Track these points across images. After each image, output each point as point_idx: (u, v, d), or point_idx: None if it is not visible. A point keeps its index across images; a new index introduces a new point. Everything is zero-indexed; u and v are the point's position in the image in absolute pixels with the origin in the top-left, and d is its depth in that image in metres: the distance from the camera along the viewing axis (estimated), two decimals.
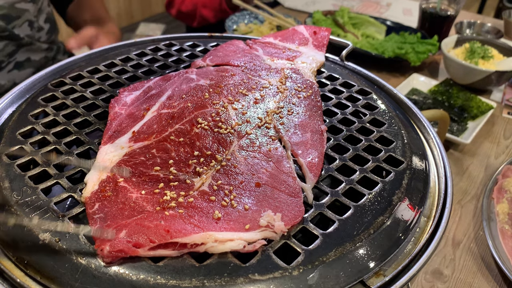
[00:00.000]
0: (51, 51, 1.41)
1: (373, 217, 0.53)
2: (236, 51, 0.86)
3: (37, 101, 0.70)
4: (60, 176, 0.56)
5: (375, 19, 1.81)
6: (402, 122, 0.72)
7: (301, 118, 0.67)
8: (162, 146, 0.60)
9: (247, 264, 0.46)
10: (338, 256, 0.48)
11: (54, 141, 0.62)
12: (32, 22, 1.31)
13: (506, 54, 1.51)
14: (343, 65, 0.88)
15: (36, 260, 0.46)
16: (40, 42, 1.35)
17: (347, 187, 0.57)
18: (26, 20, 1.28)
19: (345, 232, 0.51)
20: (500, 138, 1.30)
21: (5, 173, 0.56)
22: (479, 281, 0.88)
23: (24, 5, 1.26)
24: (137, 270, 0.45)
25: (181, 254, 0.47)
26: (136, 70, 0.81)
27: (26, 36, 1.29)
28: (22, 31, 1.28)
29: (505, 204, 0.99)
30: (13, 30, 1.25)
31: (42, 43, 1.36)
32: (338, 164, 0.61)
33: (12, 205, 0.51)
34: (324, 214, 0.53)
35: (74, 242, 0.47)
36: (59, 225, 0.49)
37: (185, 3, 1.98)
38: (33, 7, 1.29)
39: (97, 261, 0.46)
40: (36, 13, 1.32)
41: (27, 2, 1.27)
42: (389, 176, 0.59)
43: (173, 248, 0.46)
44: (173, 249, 0.46)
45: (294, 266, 0.47)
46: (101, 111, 0.69)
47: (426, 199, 0.60)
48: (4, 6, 1.21)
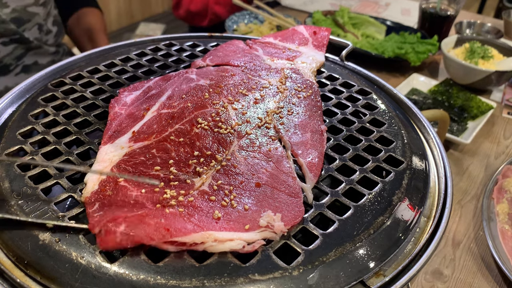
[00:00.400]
0: (57, 55, 1.43)
1: (373, 217, 0.53)
2: (236, 51, 0.86)
3: (37, 101, 0.70)
4: (60, 176, 0.56)
5: (375, 19, 1.81)
6: (402, 122, 0.72)
7: (301, 118, 0.67)
8: (162, 146, 0.60)
9: (247, 264, 0.46)
10: (338, 256, 0.48)
11: (54, 141, 0.62)
12: (42, 25, 1.32)
13: (506, 54, 1.51)
14: (343, 65, 0.88)
15: (36, 260, 0.46)
16: (48, 46, 1.37)
17: (347, 187, 0.57)
18: (36, 23, 1.30)
19: (345, 232, 0.51)
20: (500, 138, 1.30)
21: (5, 173, 0.56)
22: (479, 281, 0.88)
23: (35, 8, 1.28)
24: (137, 270, 0.45)
25: (178, 250, 0.47)
26: (136, 70, 0.81)
27: (35, 39, 1.31)
28: (31, 34, 1.29)
29: (505, 204, 0.99)
30: (23, 33, 1.26)
31: (50, 46, 1.38)
32: (338, 164, 0.61)
33: (12, 205, 0.51)
34: (324, 214, 0.53)
35: (74, 242, 0.47)
36: (59, 225, 0.49)
37: (194, 2, 1.95)
38: (43, 11, 1.31)
39: (97, 261, 0.46)
40: (45, 16, 1.33)
41: (38, 5, 1.28)
42: (389, 176, 0.59)
43: (171, 244, 0.47)
44: (171, 245, 0.47)
45: (294, 266, 0.47)
46: (101, 111, 0.69)
47: (426, 199, 0.60)
48: (16, 9, 1.23)
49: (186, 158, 0.58)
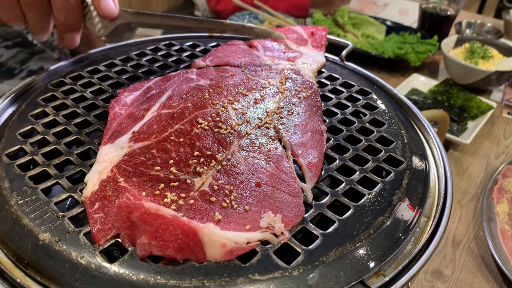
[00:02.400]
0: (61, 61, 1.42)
1: (373, 217, 0.53)
2: (236, 52, 0.86)
3: (37, 101, 0.70)
4: (60, 176, 0.56)
5: (375, 19, 1.81)
6: (402, 122, 0.72)
7: (301, 118, 0.67)
8: (162, 146, 0.60)
9: (247, 264, 0.46)
10: (338, 256, 0.48)
11: (54, 141, 0.62)
12: None
13: (506, 54, 1.51)
14: (343, 65, 0.88)
15: (36, 260, 0.46)
16: (52, 50, 1.37)
17: (347, 187, 0.57)
18: None
19: (345, 232, 0.51)
20: (500, 138, 1.30)
21: (5, 173, 0.56)
22: (479, 281, 0.88)
23: None
24: (137, 270, 0.45)
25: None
26: (136, 70, 0.81)
27: (38, 42, 1.30)
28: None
29: (505, 204, 0.99)
30: (27, 35, 1.26)
31: (53, 51, 1.38)
32: (338, 164, 0.61)
33: (12, 205, 0.51)
34: (324, 214, 0.53)
35: (74, 242, 0.47)
36: (59, 225, 0.49)
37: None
38: None
39: (97, 261, 0.46)
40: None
41: None
42: (389, 176, 0.59)
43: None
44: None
45: (294, 266, 0.47)
46: (101, 111, 0.69)
47: (426, 199, 0.60)
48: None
49: (186, 158, 0.58)
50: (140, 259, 0.46)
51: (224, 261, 0.46)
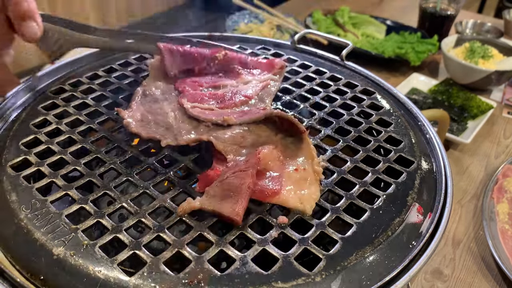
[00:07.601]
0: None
1: (390, 219, 0.53)
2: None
3: (37, 109, 0.68)
4: (69, 187, 0.54)
5: (375, 19, 1.81)
6: (408, 121, 0.72)
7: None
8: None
9: (269, 272, 0.46)
10: (359, 260, 0.48)
11: (59, 150, 0.60)
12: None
13: (506, 54, 1.50)
14: (343, 64, 0.88)
15: (52, 276, 0.45)
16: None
17: (361, 189, 0.57)
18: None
19: (363, 236, 0.51)
20: (500, 137, 1.31)
21: (12, 185, 0.54)
22: (479, 281, 0.89)
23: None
24: (157, 282, 0.44)
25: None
26: (137, 75, 0.79)
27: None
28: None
29: (505, 204, 1.00)
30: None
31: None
32: (350, 166, 0.60)
33: (21, 219, 0.50)
34: (342, 218, 0.53)
35: (90, 256, 0.46)
36: (73, 238, 0.47)
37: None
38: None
39: (115, 274, 0.45)
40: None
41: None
42: (402, 177, 0.59)
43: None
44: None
45: (316, 272, 0.46)
46: (105, 118, 0.68)
47: (436, 198, 0.59)
48: None
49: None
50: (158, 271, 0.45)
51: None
